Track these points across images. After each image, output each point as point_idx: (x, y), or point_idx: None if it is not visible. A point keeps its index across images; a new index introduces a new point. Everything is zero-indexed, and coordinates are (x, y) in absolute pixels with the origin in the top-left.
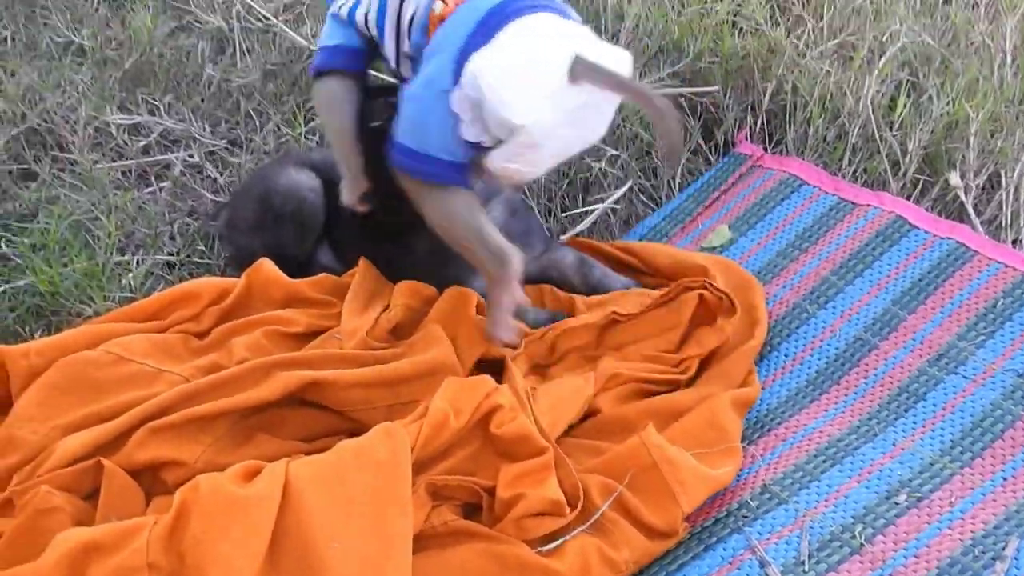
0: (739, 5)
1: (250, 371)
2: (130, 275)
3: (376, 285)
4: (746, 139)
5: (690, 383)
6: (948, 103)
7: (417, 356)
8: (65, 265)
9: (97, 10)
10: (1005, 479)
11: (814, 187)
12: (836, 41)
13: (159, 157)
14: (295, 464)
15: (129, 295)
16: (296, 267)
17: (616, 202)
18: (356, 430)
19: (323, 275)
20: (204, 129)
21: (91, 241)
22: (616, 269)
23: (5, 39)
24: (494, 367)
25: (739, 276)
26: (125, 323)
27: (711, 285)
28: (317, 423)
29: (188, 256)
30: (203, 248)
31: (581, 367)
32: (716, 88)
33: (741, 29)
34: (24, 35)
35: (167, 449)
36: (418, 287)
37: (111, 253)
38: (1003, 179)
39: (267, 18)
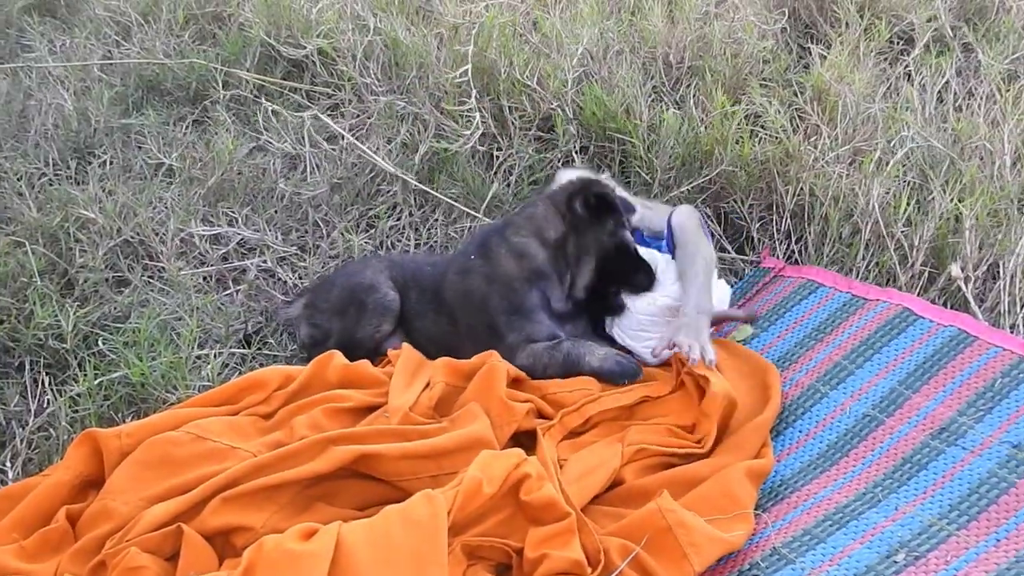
0: (758, 116)
1: (309, 446)
2: (208, 367)
3: (418, 366)
4: (770, 254)
5: (708, 455)
6: (951, 201)
7: (457, 431)
8: (153, 359)
9: (185, 134)
10: (998, 540)
11: (829, 287)
12: (849, 147)
13: (236, 263)
14: (346, 525)
15: (207, 384)
16: (364, 352)
17: None
18: (403, 499)
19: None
20: (276, 237)
21: (175, 338)
22: None
23: (104, 162)
24: (530, 437)
25: (756, 361)
26: (203, 407)
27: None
28: (369, 493)
29: (259, 350)
30: (272, 342)
31: (610, 433)
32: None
33: (761, 138)
34: (121, 158)
35: (237, 516)
36: (456, 365)
37: (192, 348)
38: (1002, 269)
39: (336, 137)
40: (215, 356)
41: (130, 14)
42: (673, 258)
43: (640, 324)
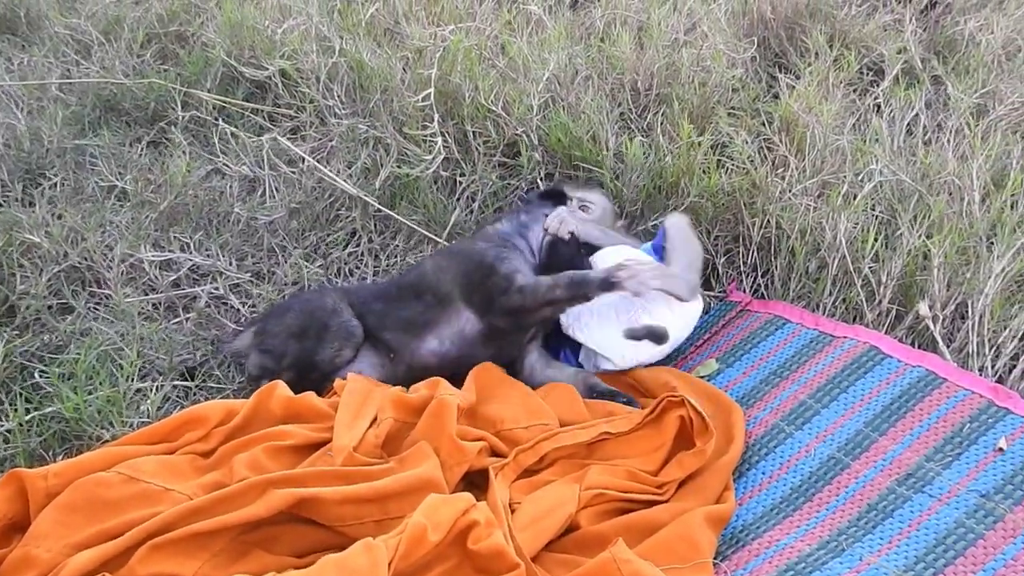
0: (725, 146)
1: (246, 489)
2: (148, 401)
3: (364, 398)
4: (737, 288)
5: (668, 500)
6: (919, 237)
7: (404, 473)
8: (91, 392)
9: (141, 156)
10: None
11: (796, 324)
12: (816, 179)
13: (188, 290)
14: None
15: (145, 420)
16: (319, 377)
17: None
18: (346, 545)
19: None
20: (230, 263)
21: (115, 370)
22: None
23: (55, 184)
24: (483, 476)
25: (720, 399)
26: (139, 445)
27: (689, 402)
28: (310, 538)
29: (203, 382)
30: (219, 374)
31: (568, 471)
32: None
33: (728, 169)
34: (73, 180)
35: (167, 564)
36: (403, 399)
37: (132, 381)
38: (970, 309)
39: (296, 161)
40: (156, 389)
41: (91, 32)
42: (659, 259)
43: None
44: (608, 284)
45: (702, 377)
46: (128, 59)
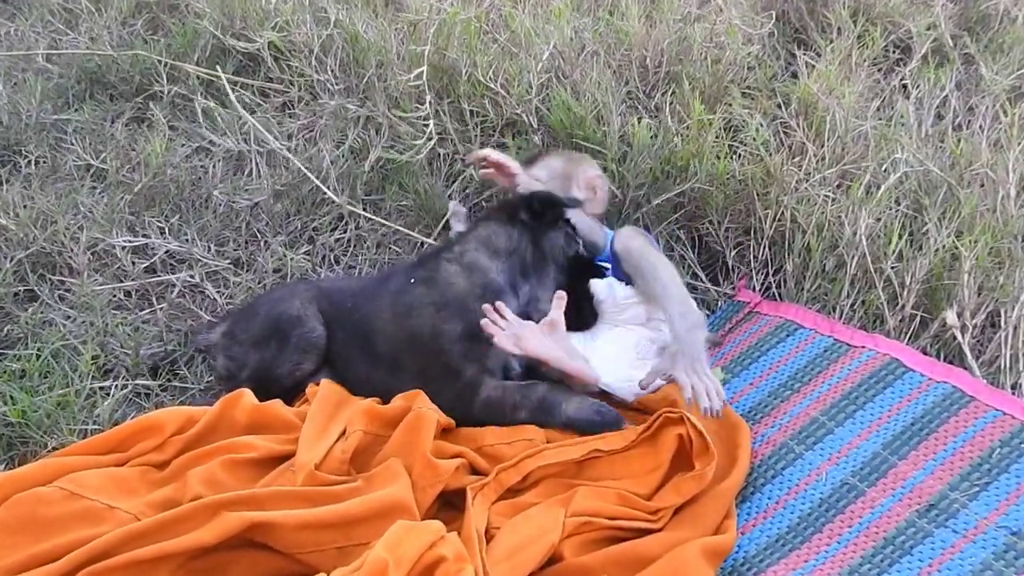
0: (738, 129)
1: (195, 512)
2: (105, 403)
3: (335, 408)
4: (746, 286)
5: (662, 528)
6: (948, 236)
7: (371, 495)
8: (45, 392)
9: (120, 133)
10: None
11: (810, 330)
12: (836, 168)
13: (162, 277)
14: None
15: (97, 427)
16: (279, 391)
17: None
18: (306, 573)
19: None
20: (208, 249)
21: (70, 369)
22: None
23: (31, 162)
24: (461, 496)
25: (726, 417)
26: (88, 455)
27: (688, 419)
28: (264, 566)
29: (168, 380)
30: (185, 372)
31: (554, 492)
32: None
33: (741, 155)
34: (50, 158)
35: None
36: (377, 411)
37: (87, 381)
38: (1003, 319)
39: (284, 139)
40: (117, 389)
41: (80, 1)
42: (616, 272)
43: (615, 354)
44: (575, 422)
45: None
46: (117, 30)
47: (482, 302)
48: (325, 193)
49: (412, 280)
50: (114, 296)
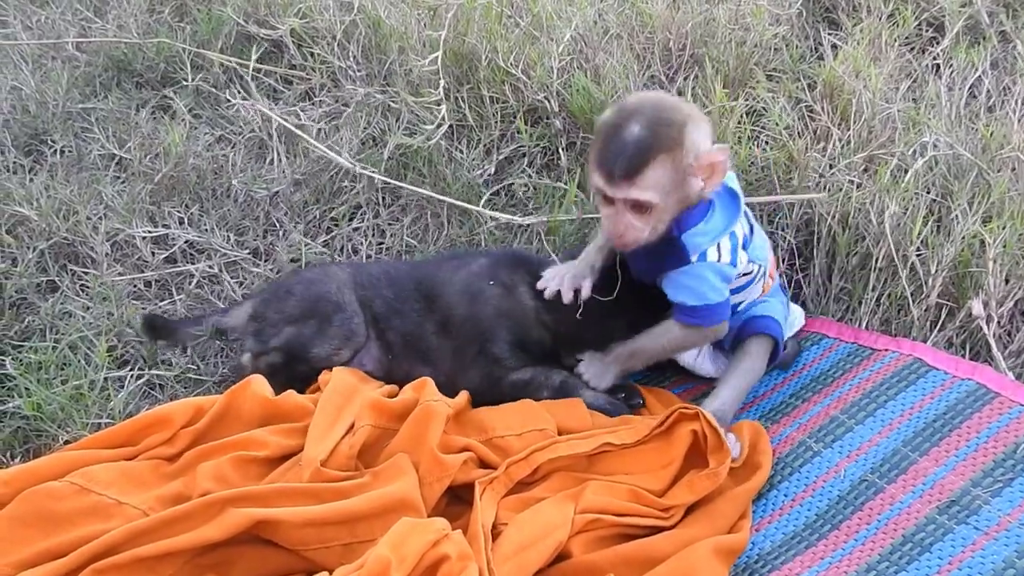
0: (761, 113)
1: (203, 507)
2: (119, 395)
3: (345, 400)
4: None
5: (674, 526)
6: (975, 222)
7: (376, 491)
8: (63, 382)
9: (146, 122)
10: None
11: (834, 338)
12: (863, 154)
13: (181, 267)
14: None
15: (110, 420)
16: (308, 371)
17: None
18: (311, 569)
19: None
20: (227, 239)
21: (86, 361)
22: None
23: (56, 152)
24: (470, 490)
25: (745, 423)
26: (98, 450)
27: (703, 415)
28: (271, 563)
29: (183, 373)
30: (199, 365)
31: (564, 486)
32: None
33: (764, 140)
34: (75, 147)
35: None
36: (384, 404)
37: (101, 371)
38: None
39: (304, 127)
40: (132, 379)
41: None
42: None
43: None
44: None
45: None
46: (144, 17)
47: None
48: (345, 179)
49: (492, 282)
50: (135, 287)
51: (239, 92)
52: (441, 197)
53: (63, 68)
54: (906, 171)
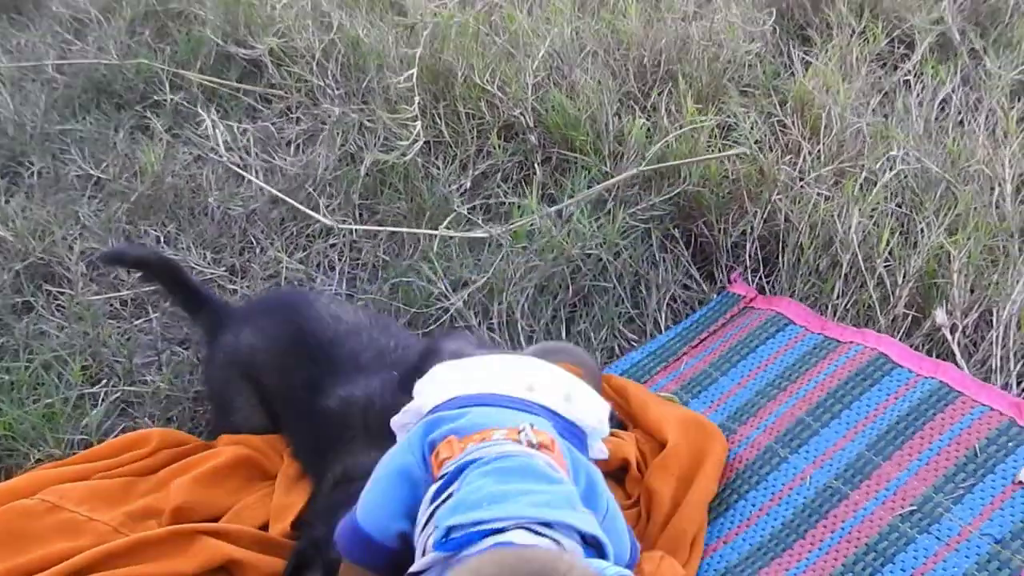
0: (731, 128)
1: (173, 536)
2: (93, 412)
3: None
4: (740, 277)
5: None
6: (940, 234)
7: None
8: (35, 401)
9: (123, 142)
10: None
11: (800, 327)
12: (832, 166)
13: (157, 286)
14: None
15: (84, 438)
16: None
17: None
18: None
19: None
20: (204, 257)
21: (58, 380)
22: None
23: (33, 173)
24: None
25: (701, 424)
26: (75, 466)
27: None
28: None
29: (158, 391)
30: (176, 383)
31: None
32: None
33: (736, 154)
34: (52, 168)
35: None
36: None
37: (74, 391)
38: (995, 318)
39: (284, 146)
40: (107, 397)
41: (90, 11)
42: None
43: None
44: None
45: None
46: (124, 39)
47: None
48: (322, 195)
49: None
50: (110, 306)
51: (218, 111)
52: (395, 229)
53: (42, 90)
54: (875, 184)
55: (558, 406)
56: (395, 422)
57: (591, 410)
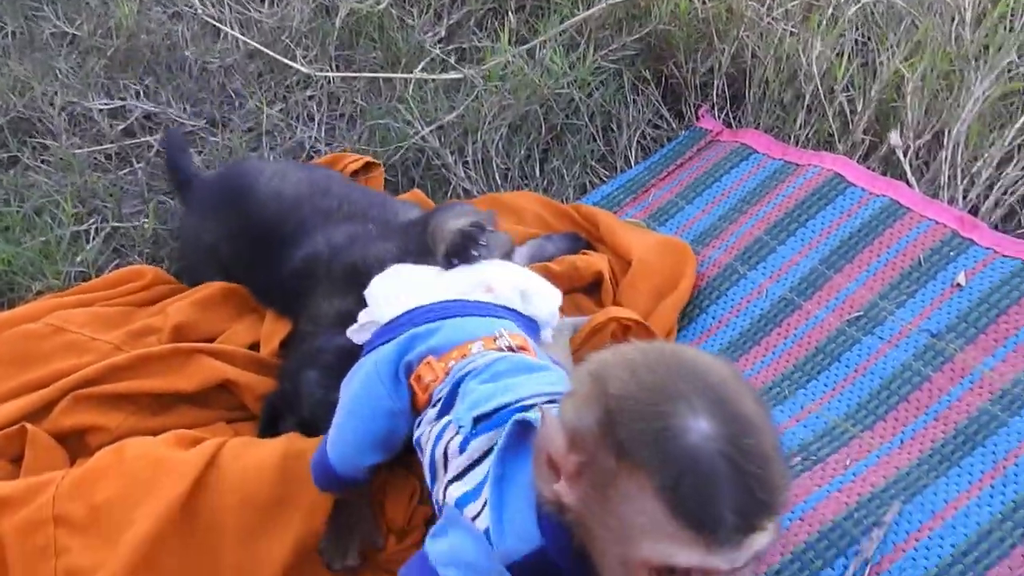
0: None
1: (172, 353)
2: (88, 247)
3: None
4: (708, 112)
5: None
6: (900, 61)
7: None
8: (32, 239)
9: (88, 3)
10: (903, 442)
11: (763, 154)
12: (798, 1)
13: (139, 139)
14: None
15: (82, 270)
16: None
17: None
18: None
19: None
20: (184, 110)
21: (51, 220)
22: (564, 227)
23: (7, 34)
24: None
25: (673, 246)
26: (75, 295)
27: (639, 323)
28: (238, 400)
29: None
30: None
31: None
32: None
33: None
34: (27, 29)
35: (91, 416)
36: None
37: (67, 228)
38: (946, 138)
39: None
40: (96, 232)
41: None
42: None
43: None
44: None
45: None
46: None
47: None
48: (298, 47)
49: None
50: (95, 158)
51: None
52: (372, 75)
53: None
54: (841, 17)
55: (516, 304)
56: (352, 333)
57: (545, 303)
